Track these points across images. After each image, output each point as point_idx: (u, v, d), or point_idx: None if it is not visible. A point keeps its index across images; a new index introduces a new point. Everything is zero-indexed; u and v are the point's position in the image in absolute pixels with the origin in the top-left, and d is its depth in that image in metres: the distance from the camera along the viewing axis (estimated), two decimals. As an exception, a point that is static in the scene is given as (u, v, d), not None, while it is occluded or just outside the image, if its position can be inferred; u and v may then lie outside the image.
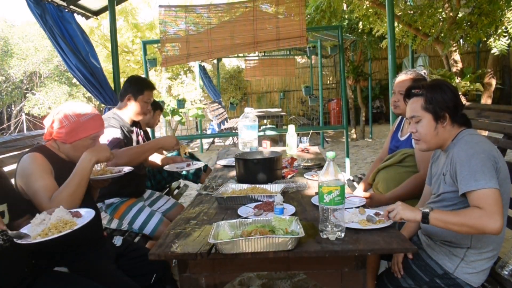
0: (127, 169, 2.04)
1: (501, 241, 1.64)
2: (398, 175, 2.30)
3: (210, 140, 9.66)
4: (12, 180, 1.77)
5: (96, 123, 1.87)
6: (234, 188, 2.12)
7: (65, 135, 1.79)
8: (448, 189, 1.62)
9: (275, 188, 2.09)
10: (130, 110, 2.67)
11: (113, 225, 2.56)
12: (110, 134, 2.46)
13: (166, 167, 2.77)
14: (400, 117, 2.54)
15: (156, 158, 3.03)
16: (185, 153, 3.20)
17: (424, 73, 2.34)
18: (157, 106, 3.58)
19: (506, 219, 1.68)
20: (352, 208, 1.72)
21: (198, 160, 3.74)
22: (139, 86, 2.67)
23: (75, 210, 1.54)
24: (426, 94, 1.65)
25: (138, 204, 2.60)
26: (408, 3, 6.04)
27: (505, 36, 4.76)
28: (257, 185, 2.12)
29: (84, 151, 1.83)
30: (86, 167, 1.72)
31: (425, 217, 1.49)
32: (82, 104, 1.91)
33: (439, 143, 1.68)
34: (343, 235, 1.46)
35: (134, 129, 2.77)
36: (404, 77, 2.34)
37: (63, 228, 1.40)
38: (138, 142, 2.80)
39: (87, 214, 1.54)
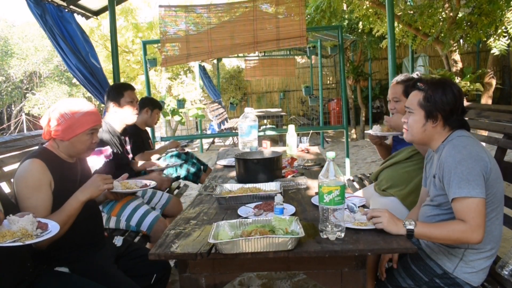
0: (152, 183, 2.14)
1: (498, 239, 1.65)
2: (405, 173, 2.29)
3: (210, 140, 9.66)
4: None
5: (92, 118, 1.84)
6: (232, 188, 2.12)
7: (62, 132, 1.77)
8: (439, 193, 1.64)
9: (275, 187, 2.09)
10: (119, 117, 2.76)
11: (112, 223, 2.58)
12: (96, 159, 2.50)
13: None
14: None
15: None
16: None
17: (417, 74, 2.34)
18: (156, 105, 3.59)
19: (503, 218, 1.67)
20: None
21: (198, 160, 3.74)
22: (116, 90, 2.77)
23: (44, 221, 1.49)
24: (427, 91, 1.64)
25: (134, 202, 2.62)
26: (408, 3, 6.05)
27: (505, 36, 4.76)
28: (257, 185, 2.12)
29: (82, 147, 1.83)
30: (75, 206, 1.71)
31: (410, 234, 1.49)
32: (76, 100, 1.88)
33: (424, 140, 1.70)
34: (343, 235, 1.46)
35: (122, 138, 2.83)
36: (395, 85, 2.37)
37: (18, 239, 1.36)
38: (126, 151, 2.86)
39: (52, 228, 1.47)
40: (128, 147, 2.96)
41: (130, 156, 2.97)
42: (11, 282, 1.51)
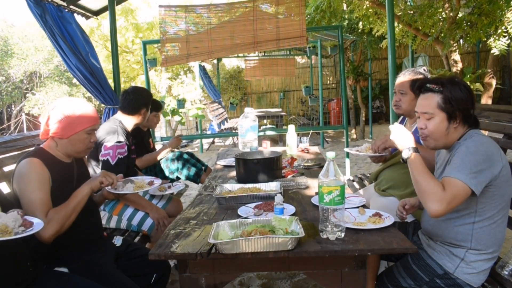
0: (157, 182, 2.15)
1: (501, 243, 1.64)
2: (405, 174, 2.28)
3: (210, 140, 9.66)
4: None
5: (91, 117, 1.86)
6: (232, 188, 2.12)
7: (62, 130, 1.79)
8: None
9: (275, 187, 2.09)
10: (136, 121, 2.80)
11: (113, 223, 2.57)
12: (115, 140, 2.52)
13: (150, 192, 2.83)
14: (401, 116, 2.54)
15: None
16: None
17: (424, 69, 2.35)
18: (158, 107, 3.58)
19: (507, 220, 1.67)
20: (351, 208, 1.72)
21: (198, 160, 3.74)
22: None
23: (31, 219, 1.48)
24: (445, 93, 1.59)
25: None
26: (408, 3, 6.04)
27: (505, 36, 4.75)
28: (257, 185, 2.12)
29: (81, 145, 1.85)
30: (81, 195, 1.77)
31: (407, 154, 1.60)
32: (76, 99, 1.91)
33: (446, 144, 1.65)
34: (343, 235, 1.46)
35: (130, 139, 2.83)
36: (403, 78, 2.35)
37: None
38: (132, 152, 2.85)
39: (36, 226, 1.45)
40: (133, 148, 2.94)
41: (134, 156, 2.96)
42: (11, 282, 1.51)
